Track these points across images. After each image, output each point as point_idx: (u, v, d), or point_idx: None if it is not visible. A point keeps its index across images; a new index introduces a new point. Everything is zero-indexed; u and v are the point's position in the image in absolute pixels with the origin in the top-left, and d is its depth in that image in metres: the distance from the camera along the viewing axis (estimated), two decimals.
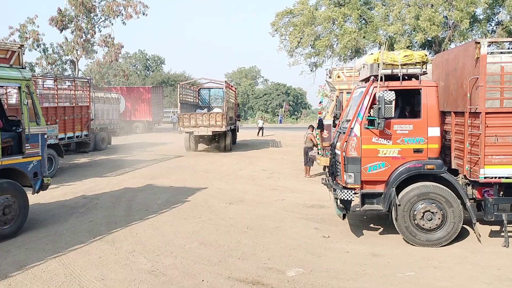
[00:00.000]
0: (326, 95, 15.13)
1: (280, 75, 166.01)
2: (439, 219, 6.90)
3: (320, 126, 13.14)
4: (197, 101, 26.14)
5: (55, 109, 16.07)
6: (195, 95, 26.03)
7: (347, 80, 12.92)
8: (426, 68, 7.36)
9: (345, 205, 7.37)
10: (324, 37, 23.98)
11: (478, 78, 6.59)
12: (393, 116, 6.85)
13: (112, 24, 36.00)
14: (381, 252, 6.85)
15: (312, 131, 14.35)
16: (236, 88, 32.78)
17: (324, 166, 13.25)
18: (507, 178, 6.75)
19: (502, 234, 7.07)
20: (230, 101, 23.49)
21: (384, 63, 7.01)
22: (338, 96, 12.36)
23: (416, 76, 7.22)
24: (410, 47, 21.49)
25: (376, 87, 6.99)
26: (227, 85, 22.78)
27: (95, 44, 36.51)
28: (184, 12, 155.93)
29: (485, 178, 6.74)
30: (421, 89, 7.08)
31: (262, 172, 15.17)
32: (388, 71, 7.07)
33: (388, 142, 7.07)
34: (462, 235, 7.29)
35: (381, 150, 7.08)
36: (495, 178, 6.77)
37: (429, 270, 6.09)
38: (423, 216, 6.92)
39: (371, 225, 8.38)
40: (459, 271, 6.04)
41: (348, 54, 23.92)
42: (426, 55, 7.25)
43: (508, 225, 7.03)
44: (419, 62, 7.11)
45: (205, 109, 24.70)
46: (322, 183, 8.43)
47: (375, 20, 23.48)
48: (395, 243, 7.24)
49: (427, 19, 20.30)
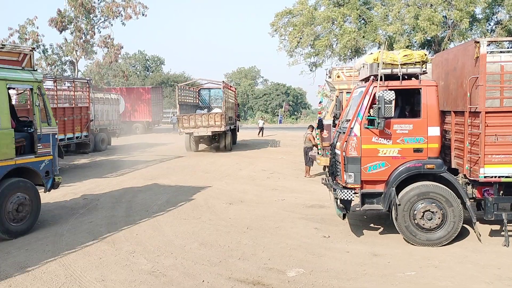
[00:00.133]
0: (326, 95, 15.15)
1: (280, 75, 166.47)
2: (439, 218, 6.90)
3: (320, 126, 13.13)
4: (197, 101, 26.15)
5: (55, 110, 15.92)
6: (195, 96, 26.04)
7: (346, 80, 12.92)
8: (426, 68, 7.35)
9: (345, 205, 7.37)
10: (324, 37, 24.01)
11: (478, 77, 6.58)
12: (393, 115, 6.84)
13: (112, 25, 36.04)
14: (381, 251, 6.85)
15: (312, 131, 14.36)
16: (236, 89, 32.75)
17: (324, 166, 13.26)
18: (507, 177, 6.75)
19: (502, 233, 7.07)
20: (229, 101, 23.50)
21: (383, 63, 7.00)
22: (338, 96, 12.37)
23: (416, 76, 7.20)
24: (410, 47, 21.51)
25: (376, 86, 6.98)
26: (225, 85, 22.79)
27: (94, 45, 36.54)
28: (184, 13, 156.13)
29: (485, 177, 6.74)
30: (421, 88, 7.08)
31: (262, 172, 15.16)
32: (388, 71, 7.06)
33: (388, 142, 7.06)
34: (462, 235, 7.29)
35: (381, 149, 7.08)
36: (495, 177, 6.77)
37: (429, 270, 6.09)
38: (423, 216, 6.91)
39: (371, 225, 8.38)
40: (459, 271, 6.04)
41: (347, 54, 23.96)
42: (426, 55, 7.24)
43: (508, 224, 7.01)
44: (419, 62, 7.10)
45: (205, 109, 24.71)
46: (322, 183, 8.43)
47: (375, 20, 23.51)
48: (395, 242, 7.24)
49: (426, 19, 20.33)
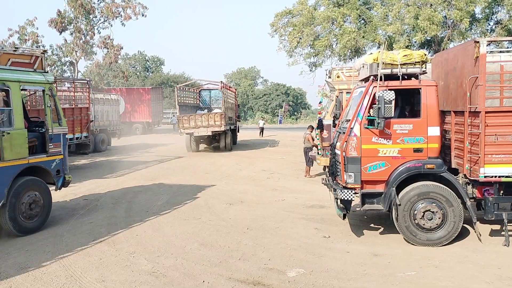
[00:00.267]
0: (326, 95, 15.17)
1: (280, 75, 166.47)
2: (439, 218, 6.89)
3: (320, 126, 13.13)
4: (197, 102, 26.18)
5: None
6: (195, 97, 26.07)
7: (346, 80, 12.92)
8: (426, 68, 7.35)
9: (345, 205, 7.36)
10: (324, 37, 24.00)
11: (477, 77, 6.58)
12: (392, 115, 6.84)
13: (111, 25, 36.08)
14: (381, 252, 6.85)
15: (311, 132, 14.36)
16: (236, 89, 32.76)
17: (324, 166, 13.26)
18: (507, 177, 6.74)
19: (503, 233, 7.07)
20: (228, 101, 23.53)
21: (383, 63, 7.00)
22: (337, 96, 12.38)
23: (416, 76, 7.20)
24: (410, 47, 21.52)
25: (376, 86, 6.98)
26: (224, 85, 22.84)
27: (94, 45, 36.59)
28: (183, 13, 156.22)
29: (485, 177, 6.73)
30: (420, 88, 7.08)
31: (262, 173, 15.16)
32: (388, 71, 7.06)
33: (388, 142, 7.06)
34: (462, 235, 7.28)
35: (381, 149, 7.08)
36: (495, 177, 6.76)
37: (429, 270, 6.09)
38: (423, 216, 6.91)
39: (372, 225, 8.38)
40: (459, 271, 6.04)
41: (347, 54, 23.95)
42: (426, 55, 7.23)
43: (508, 224, 7.01)
44: (419, 62, 7.10)
45: (205, 110, 24.74)
46: (322, 183, 8.42)
47: (374, 20, 23.52)
48: (395, 242, 7.23)
49: (426, 19, 20.33)
